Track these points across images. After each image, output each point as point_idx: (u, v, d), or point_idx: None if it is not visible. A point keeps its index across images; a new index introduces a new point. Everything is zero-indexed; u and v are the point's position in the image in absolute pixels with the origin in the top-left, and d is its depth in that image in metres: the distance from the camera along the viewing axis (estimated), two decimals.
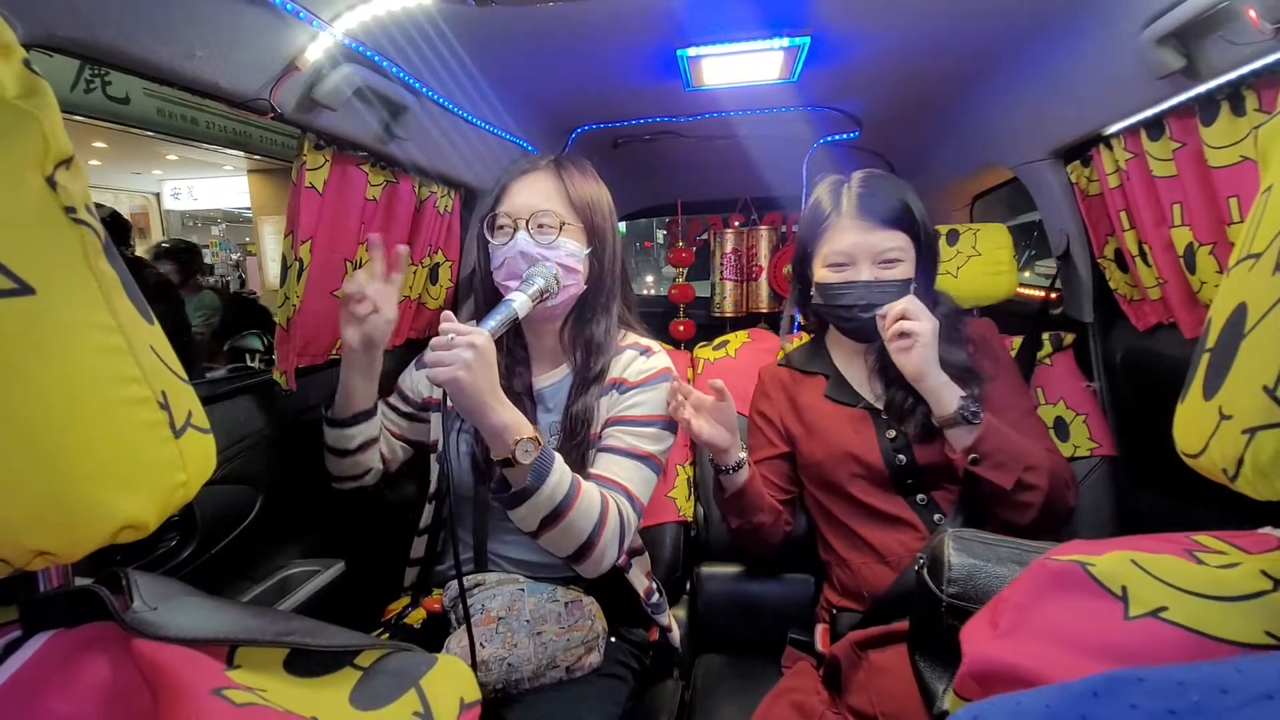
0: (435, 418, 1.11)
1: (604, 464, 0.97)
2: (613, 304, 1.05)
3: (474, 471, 1.03)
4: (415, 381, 1.14)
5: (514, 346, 1.07)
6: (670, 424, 1.03)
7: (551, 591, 1.00)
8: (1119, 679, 0.31)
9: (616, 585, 1.05)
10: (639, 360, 1.04)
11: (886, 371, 1.09)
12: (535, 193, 0.99)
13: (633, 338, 1.09)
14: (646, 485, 0.99)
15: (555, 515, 0.85)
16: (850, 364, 1.16)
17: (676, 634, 1.19)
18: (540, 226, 0.97)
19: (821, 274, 1.09)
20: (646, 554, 1.20)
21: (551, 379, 1.07)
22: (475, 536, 1.07)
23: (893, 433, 1.06)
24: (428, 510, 1.12)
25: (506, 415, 0.81)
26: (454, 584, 1.04)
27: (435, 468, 1.10)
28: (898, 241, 1.04)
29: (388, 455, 1.13)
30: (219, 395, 1.04)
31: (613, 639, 1.04)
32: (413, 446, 1.17)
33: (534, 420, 1.03)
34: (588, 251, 1.00)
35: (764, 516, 1.09)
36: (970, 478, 1.00)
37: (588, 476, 0.94)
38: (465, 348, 0.78)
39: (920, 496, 1.05)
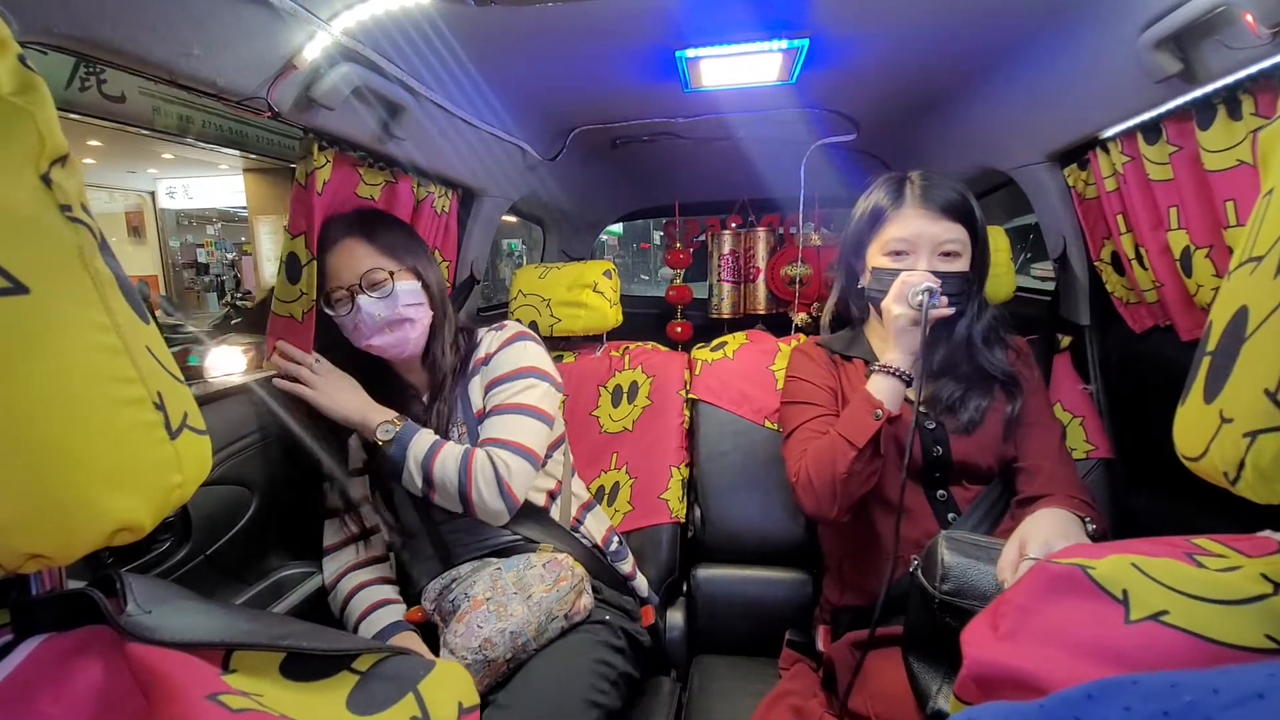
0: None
1: (485, 427, 1.07)
2: (451, 318, 1.15)
3: (414, 509, 1.09)
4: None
5: (400, 386, 1.15)
6: (535, 372, 1.11)
7: (526, 560, 1.03)
8: (1114, 682, 0.31)
9: (573, 538, 1.13)
10: (495, 334, 1.16)
11: (931, 363, 1.08)
12: (354, 258, 1.05)
13: (485, 328, 1.19)
14: (527, 430, 1.07)
15: (426, 473, 1.00)
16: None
17: (643, 583, 1.25)
18: (374, 284, 1.04)
19: (879, 261, 1.07)
20: (599, 507, 1.27)
21: None
22: (436, 546, 1.09)
23: (933, 424, 1.05)
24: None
25: (370, 414, 1.03)
26: (431, 588, 1.06)
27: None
28: (958, 234, 1.03)
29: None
30: (215, 396, 1.04)
31: (600, 594, 1.10)
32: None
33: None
34: (420, 285, 1.09)
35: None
36: (996, 478, 1.03)
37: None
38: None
39: (941, 492, 1.04)
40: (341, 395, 1.05)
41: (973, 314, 1.08)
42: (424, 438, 1.02)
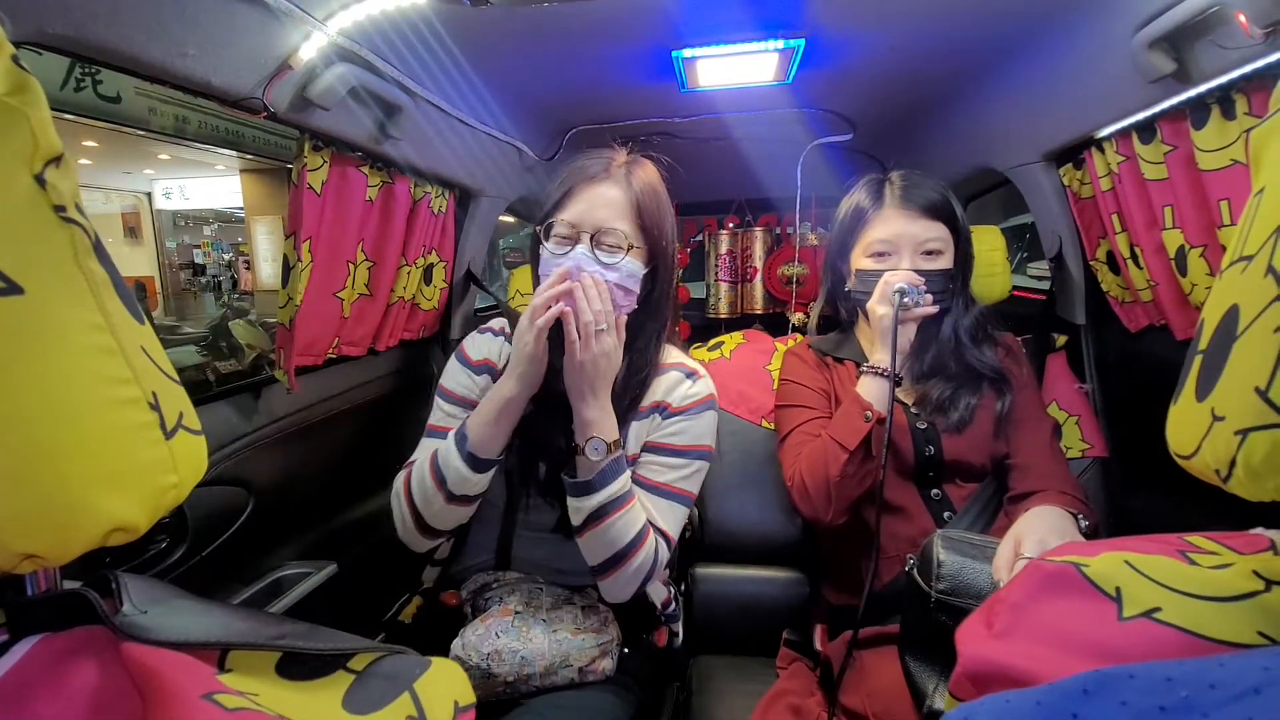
0: None
1: (654, 503, 0.94)
2: (661, 326, 0.99)
3: (506, 479, 0.99)
4: (475, 384, 1.01)
5: (559, 370, 0.96)
6: (709, 453, 0.99)
7: (569, 595, 0.99)
8: (1110, 676, 0.31)
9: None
10: (684, 384, 0.99)
11: (921, 363, 1.09)
12: (605, 205, 0.91)
13: (677, 356, 1.04)
14: (680, 522, 0.97)
15: (600, 514, 0.87)
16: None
17: (681, 637, 1.19)
18: (605, 244, 0.90)
19: (862, 263, 1.08)
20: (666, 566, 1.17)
21: None
22: (500, 539, 1.03)
23: (924, 424, 1.06)
24: None
25: (592, 416, 0.87)
26: (474, 579, 1.02)
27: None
28: (939, 232, 1.04)
29: None
30: (211, 396, 1.04)
31: (626, 650, 1.01)
32: None
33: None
34: (646, 272, 0.93)
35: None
36: (989, 476, 1.02)
37: None
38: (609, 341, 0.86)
39: (935, 491, 1.05)
40: (597, 377, 0.87)
41: (958, 312, 1.09)
42: (624, 481, 0.88)
